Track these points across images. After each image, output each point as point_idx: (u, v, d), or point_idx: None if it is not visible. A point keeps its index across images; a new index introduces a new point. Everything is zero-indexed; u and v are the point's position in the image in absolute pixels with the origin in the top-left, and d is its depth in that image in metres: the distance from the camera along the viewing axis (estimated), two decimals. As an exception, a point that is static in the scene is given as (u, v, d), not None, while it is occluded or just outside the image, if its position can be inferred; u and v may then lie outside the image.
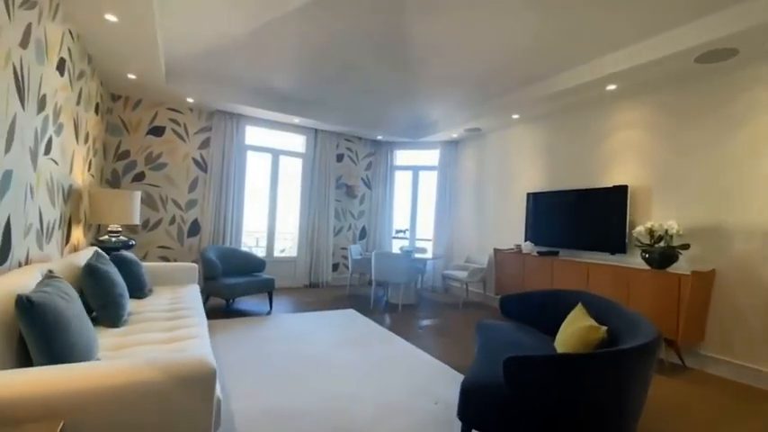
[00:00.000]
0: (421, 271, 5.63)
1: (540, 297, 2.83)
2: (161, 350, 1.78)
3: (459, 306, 4.91)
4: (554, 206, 4.44)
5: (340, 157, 6.26)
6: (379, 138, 6.31)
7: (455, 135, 5.82)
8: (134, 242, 3.79)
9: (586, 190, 4.10)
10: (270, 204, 5.70)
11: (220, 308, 4.21)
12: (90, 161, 3.84)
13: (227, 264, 4.36)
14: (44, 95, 2.49)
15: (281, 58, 4.25)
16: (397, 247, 6.44)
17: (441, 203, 6.15)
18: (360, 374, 2.58)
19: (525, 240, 4.76)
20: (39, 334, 1.26)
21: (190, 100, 4.82)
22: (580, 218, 4.13)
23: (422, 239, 6.48)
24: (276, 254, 5.92)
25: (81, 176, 3.54)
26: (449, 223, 6.12)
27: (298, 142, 5.96)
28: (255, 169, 5.66)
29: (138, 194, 3.75)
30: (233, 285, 3.93)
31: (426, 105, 5.29)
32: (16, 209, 2.17)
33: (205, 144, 5.23)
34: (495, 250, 4.84)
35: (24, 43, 2.14)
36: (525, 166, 5.03)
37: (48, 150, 2.63)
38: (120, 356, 1.68)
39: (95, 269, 2.04)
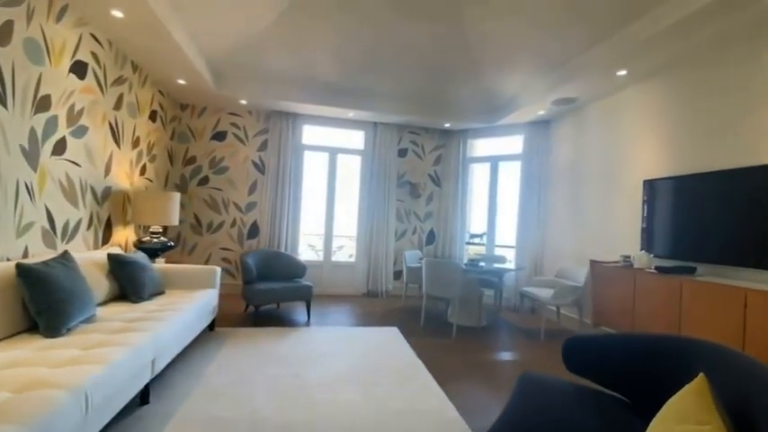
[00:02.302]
0: (495, 285, 4.54)
1: (630, 345, 1.68)
2: (26, 376, 1.40)
3: (541, 336, 3.70)
4: (687, 198, 2.95)
5: (403, 152, 5.58)
6: (447, 126, 5.41)
7: (542, 111, 4.56)
8: (173, 243, 3.82)
9: (746, 170, 2.56)
10: (327, 206, 5.38)
11: (258, 315, 3.96)
12: (144, 165, 4.03)
13: (268, 268, 4.12)
14: (46, 96, 2.50)
15: (320, 45, 3.85)
16: (472, 254, 5.42)
17: (526, 201, 4.92)
18: None
19: (641, 249, 3.32)
20: None
21: (243, 102, 4.81)
22: (734, 215, 2.60)
23: (503, 246, 5.32)
24: (337, 258, 5.57)
25: (128, 179, 3.69)
26: (537, 226, 4.85)
27: (356, 139, 5.51)
28: (313, 170, 5.42)
29: (177, 196, 3.77)
30: (262, 292, 3.63)
31: (499, 76, 4.23)
32: (-3, 206, 2.16)
33: (263, 146, 5.19)
34: (593, 263, 3.50)
35: (1, 40, 2.12)
36: (640, 144, 3.55)
37: (60, 151, 2.67)
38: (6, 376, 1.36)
39: (28, 271, 1.84)
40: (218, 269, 3.42)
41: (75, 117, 2.82)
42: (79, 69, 2.83)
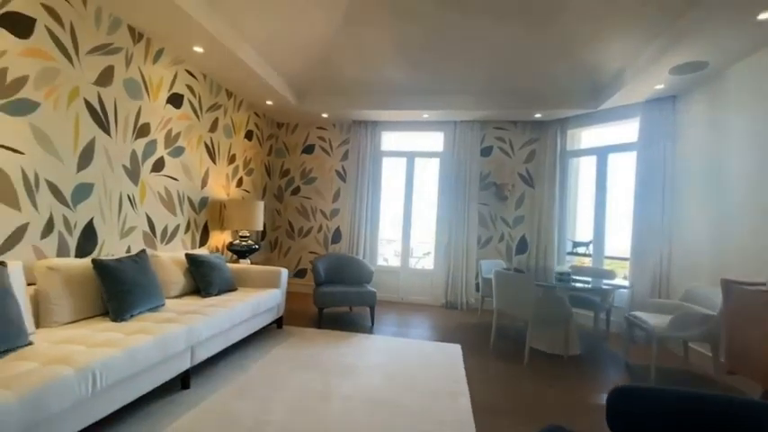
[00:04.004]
0: (597, 306, 3.68)
1: (707, 410, 1.10)
2: (63, 351, 1.67)
3: (651, 376, 2.79)
4: None
5: (487, 151, 5.05)
6: (539, 116, 4.68)
7: (660, 86, 3.53)
8: (258, 246, 4.25)
9: None
10: (404, 211, 5.26)
11: (328, 317, 4.09)
12: (240, 178, 4.63)
13: (337, 272, 4.22)
14: (146, 124, 3.09)
15: (383, 48, 3.82)
16: (566, 267, 4.53)
17: (644, 201, 3.85)
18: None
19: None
20: None
21: (325, 115, 5.10)
22: None
23: (614, 258, 4.28)
24: (422, 265, 5.40)
25: (224, 191, 4.29)
26: (660, 234, 3.74)
27: (435, 141, 5.26)
28: (392, 175, 5.38)
29: (260, 204, 4.20)
30: (325, 295, 3.73)
31: (597, 45, 3.47)
32: (104, 213, 2.72)
33: (346, 156, 5.41)
34: (727, 284, 2.47)
35: (103, 82, 2.69)
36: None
37: (158, 168, 3.26)
38: (52, 349, 1.69)
39: (101, 265, 2.25)
40: (285, 271, 3.65)
41: (172, 140, 3.41)
42: (175, 100, 3.42)
